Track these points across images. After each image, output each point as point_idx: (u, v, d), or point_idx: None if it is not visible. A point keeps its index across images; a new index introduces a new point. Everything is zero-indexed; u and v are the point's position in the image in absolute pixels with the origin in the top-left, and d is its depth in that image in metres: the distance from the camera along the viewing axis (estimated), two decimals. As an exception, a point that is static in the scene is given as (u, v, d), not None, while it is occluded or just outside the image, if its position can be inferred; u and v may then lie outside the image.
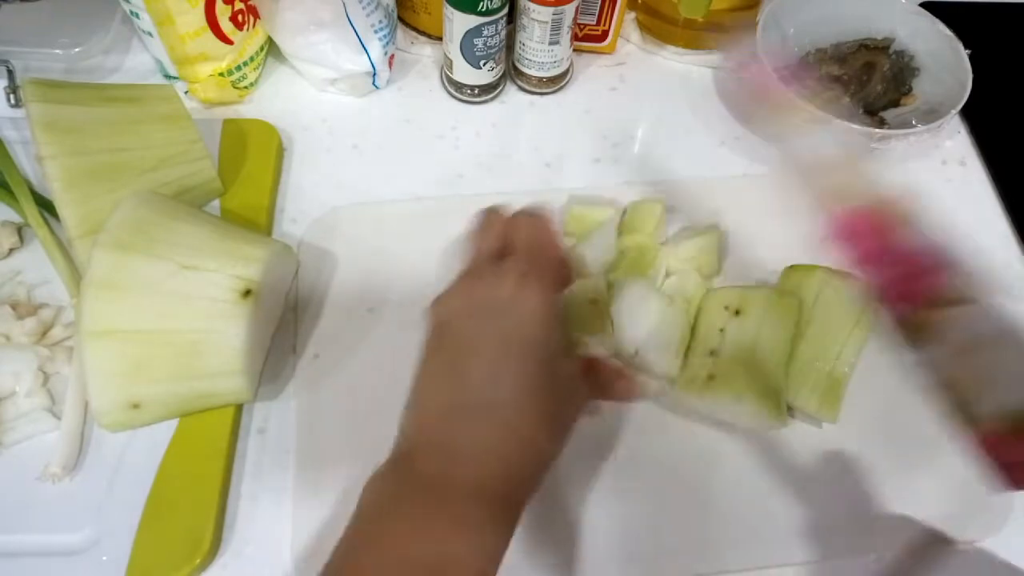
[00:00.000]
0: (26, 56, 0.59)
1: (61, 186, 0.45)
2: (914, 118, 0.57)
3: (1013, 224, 0.57)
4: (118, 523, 0.41)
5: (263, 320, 0.46)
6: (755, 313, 0.46)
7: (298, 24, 0.56)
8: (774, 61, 0.56)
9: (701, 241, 0.52)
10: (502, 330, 0.35)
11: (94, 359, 0.41)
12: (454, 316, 0.37)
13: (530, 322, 0.35)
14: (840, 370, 0.46)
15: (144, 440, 0.44)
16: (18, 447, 0.44)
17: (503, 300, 0.35)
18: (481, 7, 0.53)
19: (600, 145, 0.60)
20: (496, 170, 0.58)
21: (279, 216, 0.55)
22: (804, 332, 0.47)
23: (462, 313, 0.36)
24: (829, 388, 0.46)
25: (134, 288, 0.41)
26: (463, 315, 0.36)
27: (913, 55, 0.59)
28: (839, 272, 0.48)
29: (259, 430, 0.46)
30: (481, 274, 0.38)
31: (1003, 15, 0.70)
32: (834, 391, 0.46)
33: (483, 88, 0.60)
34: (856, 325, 0.47)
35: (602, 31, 0.63)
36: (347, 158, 0.58)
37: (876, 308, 0.34)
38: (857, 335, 0.47)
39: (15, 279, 0.50)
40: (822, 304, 0.48)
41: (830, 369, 0.46)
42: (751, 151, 0.60)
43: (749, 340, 0.46)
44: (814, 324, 0.47)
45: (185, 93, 0.58)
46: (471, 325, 0.36)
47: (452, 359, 0.35)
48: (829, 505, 0.45)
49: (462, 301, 0.37)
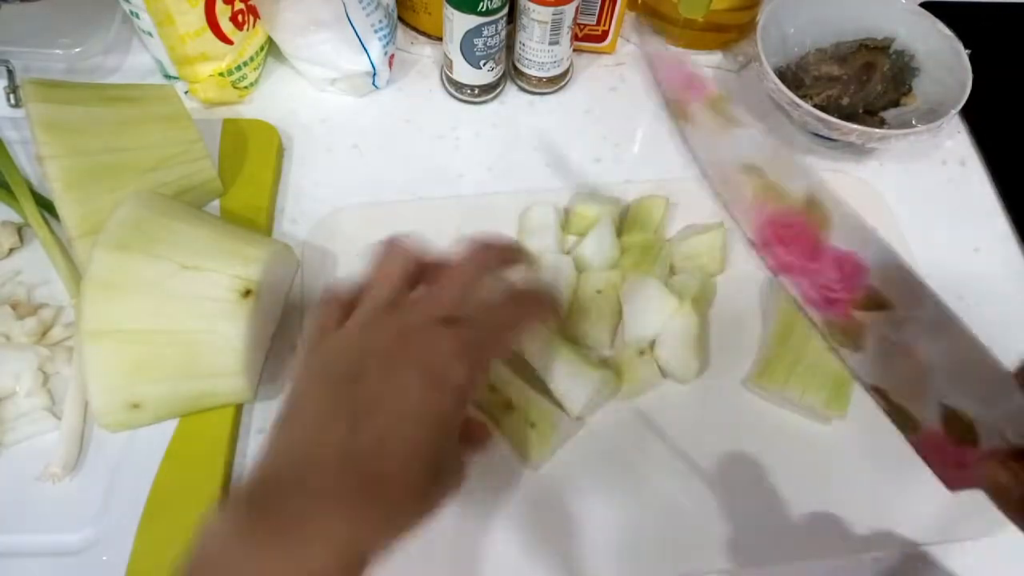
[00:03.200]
0: (26, 56, 0.59)
1: (61, 186, 0.45)
2: (914, 118, 0.57)
3: (1013, 224, 0.57)
4: (118, 523, 0.41)
5: (263, 320, 0.46)
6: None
7: (298, 24, 0.56)
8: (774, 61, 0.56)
9: (706, 238, 0.52)
10: (414, 379, 0.31)
11: (94, 359, 0.41)
12: (366, 358, 0.32)
13: (452, 400, 0.31)
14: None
15: (144, 440, 0.44)
16: (18, 447, 0.44)
17: (435, 359, 0.31)
18: (481, 7, 0.53)
19: (600, 145, 0.60)
20: (496, 170, 0.58)
21: (279, 216, 0.55)
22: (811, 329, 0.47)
23: (375, 355, 0.31)
24: (837, 385, 0.46)
25: (134, 288, 0.41)
26: (376, 357, 0.31)
27: (913, 55, 0.59)
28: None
29: (259, 430, 0.46)
30: (397, 309, 0.33)
31: (1003, 15, 0.70)
32: (842, 388, 0.46)
33: (483, 88, 0.60)
34: None
35: (602, 31, 0.63)
36: (347, 158, 0.58)
37: (805, 313, 0.34)
38: None
39: (15, 279, 0.50)
40: None
41: (838, 366, 0.46)
42: (751, 151, 0.60)
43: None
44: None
45: (185, 93, 0.58)
46: (383, 367, 0.31)
47: (351, 397, 0.31)
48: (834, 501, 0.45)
49: (387, 335, 0.32)
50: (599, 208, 0.53)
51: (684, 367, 0.47)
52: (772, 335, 0.49)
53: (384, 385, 0.31)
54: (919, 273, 0.31)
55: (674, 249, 0.52)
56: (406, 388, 0.31)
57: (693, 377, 0.48)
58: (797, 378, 0.46)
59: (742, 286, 0.52)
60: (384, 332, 0.32)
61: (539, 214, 0.53)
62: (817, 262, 0.32)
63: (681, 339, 0.47)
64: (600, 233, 0.51)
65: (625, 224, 0.53)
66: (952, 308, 0.30)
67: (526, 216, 0.53)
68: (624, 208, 0.54)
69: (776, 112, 0.60)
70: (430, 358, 0.31)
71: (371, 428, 0.30)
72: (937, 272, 0.53)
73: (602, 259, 0.51)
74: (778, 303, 0.51)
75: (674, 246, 0.52)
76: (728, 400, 0.48)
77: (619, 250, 0.52)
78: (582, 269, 0.51)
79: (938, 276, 0.52)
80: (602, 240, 0.51)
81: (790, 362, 0.47)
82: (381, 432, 0.30)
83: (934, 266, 0.53)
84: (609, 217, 0.52)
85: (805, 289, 0.33)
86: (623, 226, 0.53)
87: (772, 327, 0.50)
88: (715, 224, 0.53)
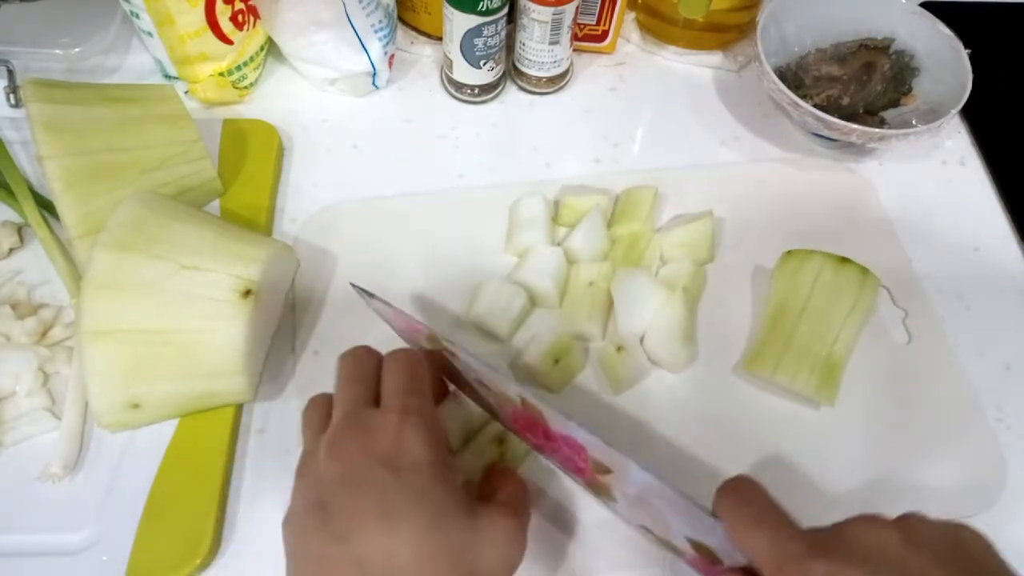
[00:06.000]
0: (26, 56, 0.59)
1: (61, 186, 0.45)
2: (914, 118, 0.57)
3: (1013, 224, 0.57)
4: (118, 523, 0.41)
5: (263, 320, 0.46)
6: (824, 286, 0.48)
7: (298, 24, 0.56)
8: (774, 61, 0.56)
9: (694, 228, 0.52)
10: (392, 481, 0.32)
11: (94, 359, 0.41)
12: (335, 484, 0.32)
13: (428, 464, 0.33)
14: (838, 353, 0.47)
15: (144, 440, 0.44)
16: (18, 447, 0.44)
17: (391, 447, 0.33)
18: (481, 7, 0.53)
19: (600, 145, 0.60)
20: (496, 170, 0.58)
21: (279, 216, 0.55)
22: (802, 314, 0.48)
23: (344, 478, 0.32)
24: (827, 371, 0.46)
25: (134, 288, 0.41)
26: (345, 479, 0.32)
27: (913, 55, 0.59)
28: (836, 256, 0.49)
29: (259, 430, 0.46)
30: (357, 420, 0.35)
31: (1003, 15, 0.70)
32: (832, 374, 0.46)
33: (483, 88, 0.60)
34: (853, 308, 0.48)
35: (602, 31, 0.63)
36: (347, 158, 0.58)
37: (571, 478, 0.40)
38: (854, 318, 0.48)
39: (15, 279, 0.50)
40: (820, 288, 0.49)
41: (828, 352, 0.47)
42: (751, 151, 0.60)
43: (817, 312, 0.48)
44: (812, 307, 0.48)
45: (185, 93, 0.58)
46: (356, 485, 0.32)
47: (335, 530, 0.31)
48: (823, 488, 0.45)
49: (344, 459, 0.33)
50: (589, 200, 0.53)
51: (673, 356, 0.47)
52: (762, 323, 0.49)
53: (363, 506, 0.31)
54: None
55: (663, 239, 0.52)
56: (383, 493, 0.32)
57: (683, 367, 0.48)
58: (787, 364, 0.46)
59: (732, 275, 0.52)
60: (349, 454, 0.33)
61: (529, 206, 0.52)
62: (554, 442, 0.38)
63: (669, 329, 0.47)
64: (590, 224, 0.51)
65: (615, 215, 0.54)
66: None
67: (516, 208, 0.53)
68: (614, 199, 0.55)
69: (776, 112, 0.60)
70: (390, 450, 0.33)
71: (366, 556, 0.31)
72: (937, 272, 0.54)
73: (592, 250, 0.51)
74: (768, 291, 0.51)
75: (663, 236, 0.52)
76: (719, 388, 0.48)
77: (609, 241, 0.52)
78: (572, 261, 0.51)
79: (938, 276, 0.54)
80: (592, 231, 0.51)
81: (780, 348, 0.47)
82: (380, 554, 0.31)
83: (934, 266, 0.54)
84: (599, 208, 0.52)
85: (560, 461, 0.40)
86: (613, 217, 0.54)
87: (762, 315, 0.50)
88: (704, 213, 0.53)
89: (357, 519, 0.31)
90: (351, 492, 0.32)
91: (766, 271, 0.52)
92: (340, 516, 0.31)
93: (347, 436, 0.34)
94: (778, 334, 0.48)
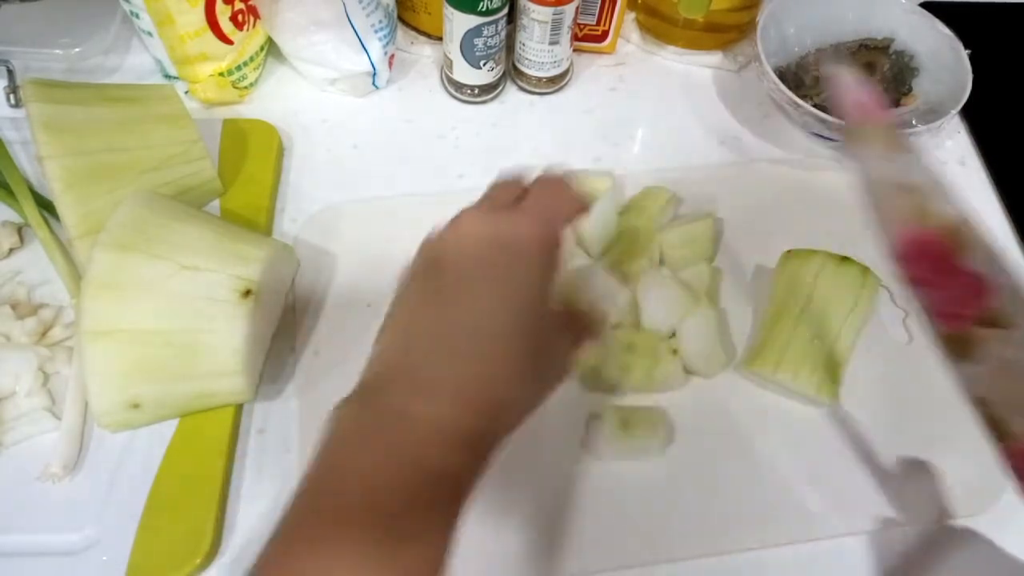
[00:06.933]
0: (26, 56, 0.59)
1: (61, 186, 0.45)
2: (914, 118, 0.57)
3: (1013, 224, 0.57)
4: (118, 523, 0.41)
5: (263, 320, 0.46)
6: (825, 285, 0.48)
7: (298, 24, 0.56)
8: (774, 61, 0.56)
9: (695, 228, 0.52)
10: (506, 265, 0.33)
11: (94, 359, 0.41)
12: (452, 247, 0.34)
13: (537, 264, 0.33)
14: (839, 352, 0.47)
15: (144, 440, 0.44)
16: (18, 447, 0.44)
17: (513, 235, 0.33)
18: (481, 7, 0.53)
19: (600, 145, 0.60)
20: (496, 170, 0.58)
21: (279, 216, 0.55)
22: (803, 313, 0.48)
23: (462, 244, 0.34)
24: (828, 369, 0.46)
25: (134, 288, 0.41)
26: (463, 246, 0.33)
27: (913, 55, 0.59)
28: (837, 256, 0.49)
29: (259, 430, 0.46)
30: (491, 210, 0.36)
31: (1003, 15, 0.70)
32: (833, 372, 0.47)
33: (483, 88, 0.60)
34: (854, 308, 0.48)
35: (602, 31, 0.63)
36: (347, 158, 0.58)
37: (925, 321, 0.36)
38: (855, 318, 0.48)
39: (15, 279, 0.50)
40: (820, 287, 0.49)
41: (829, 351, 0.47)
42: (751, 151, 0.60)
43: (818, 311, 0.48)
44: (812, 307, 0.48)
45: (185, 93, 0.58)
46: (471, 254, 0.33)
47: (440, 285, 0.33)
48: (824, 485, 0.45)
49: (467, 230, 0.34)
50: (598, 180, 0.53)
51: (708, 362, 0.48)
52: (763, 322, 0.50)
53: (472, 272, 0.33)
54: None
55: (663, 238, 0.52)
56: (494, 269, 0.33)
57: (719, 371, 0.48)
58: (788, 363, 0.46)
59: (732, 274, 0.53)
60: (473, 227, 0.34)
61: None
62: (951, 279, 0.34)
63: (707, 336, 0.48)
64: (602, 207, 0.51)
65: (627, 206, 0.54)
66: None
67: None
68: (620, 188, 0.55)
69: (776, 112, 0.60)
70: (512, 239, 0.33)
71: (461, 311, 0.32)
72: (937, 272, 0.54)
73: (600, 234, 0.51)
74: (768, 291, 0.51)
75: (663, 235, 0.52)
76: (721, 388, 0.48)
77: (616, 229, 0.52)
78: (579, 242, 0.51)
79: (938, 276, 0.53)
80: (603, 215, 0.51)
81: (781, 347, 0.47)
82: (473, 314, 0.32)
83: (934, 266, 0.54)
84: (613, 193, 0.52)
85: (933, 302, 0.36)
86: (625, 208, 0.54)
87: (763, 314, 0.50)
88: (705, 214, 0.53)
89: (461, 282, 0.32)
90: (461, 258, 0.33)
91: (766, 271, 0.52)
92: (447, 274, 0.33)
93: (474, 216, 0.35)
94: (779, 333, 0.48)
